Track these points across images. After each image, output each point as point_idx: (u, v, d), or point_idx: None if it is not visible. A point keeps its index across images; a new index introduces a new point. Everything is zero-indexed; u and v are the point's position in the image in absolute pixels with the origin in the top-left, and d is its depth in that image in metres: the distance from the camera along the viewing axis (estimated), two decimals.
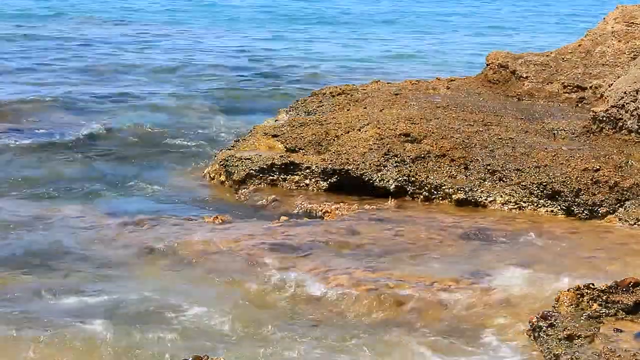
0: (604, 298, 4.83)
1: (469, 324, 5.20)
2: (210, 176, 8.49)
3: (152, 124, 11.14)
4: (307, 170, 7.93)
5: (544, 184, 7.28)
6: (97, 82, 14.55)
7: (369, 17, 29.81)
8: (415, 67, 17.17)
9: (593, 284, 4.92)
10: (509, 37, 24.40)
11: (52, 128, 10.76)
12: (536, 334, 4.75)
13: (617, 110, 7.81)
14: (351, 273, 5.85)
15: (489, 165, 7.58)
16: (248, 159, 8.11)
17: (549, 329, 4.68)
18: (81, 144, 10.05)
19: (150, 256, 6.28)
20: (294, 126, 8.61)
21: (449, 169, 7.66)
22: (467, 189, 7.52)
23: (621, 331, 4.57)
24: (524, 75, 9.79)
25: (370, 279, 5.75)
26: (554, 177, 7.28)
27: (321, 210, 7.40)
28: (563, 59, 9.95)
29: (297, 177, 7.97)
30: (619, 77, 8.26)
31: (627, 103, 7.74)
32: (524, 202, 7.34)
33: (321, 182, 7.89)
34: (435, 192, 7.61)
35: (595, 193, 7.14)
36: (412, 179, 7.66)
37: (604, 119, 7.90)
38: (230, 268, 6.03)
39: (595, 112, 8.01)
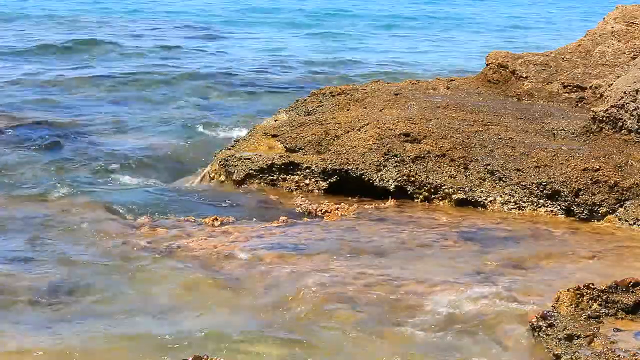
0: (603, 298, 4.84)
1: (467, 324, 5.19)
2: (209, 176, 8.48)
3: (155, 122, 11.13)
4: (307, 170, 7.93)
5: (544, 183, 7.28)
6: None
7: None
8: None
9: (593, 284, 4.92)
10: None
11: (49, 126, 10.76)
12: (536, 334, 4.75)
13: (617, 110, 7.80)
14: (350, 271, 5.85)
15: (488, 165, 7.58)
16: (248, 158, 8.11)
17: (548, 328, 4.68)
18: (78, 143, 10.04)
19: (149, 257, 6.27)
20: (293, 126, 8.61)
21: (448, 168, 7.66)
22: (466, 189, 7.52)
23: (621, 331, 4.57)
24: (524, 75, 9.79)
25: (370, 276, 5.75)
26: (553, 177, 7.27)
27: (321, 210, 7.40)
28: (563, 58, 9.94)
29: (297, 177, 7.96)
30: (619, 77, 8.26)
31: (626, 103, 7.74)
32: (524, 202, 7.34)
33: (321, 182, 7.89)
34: (435, 192, 7.61)
35: (595, 193, 7.14)
36: (412, 179, 7.66)
37: (604, 119, 7.90)
38: (228, 269, 6.03)
39: (595, 112, 8.00)
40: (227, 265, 6.06)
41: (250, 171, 8.02)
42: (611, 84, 8.13)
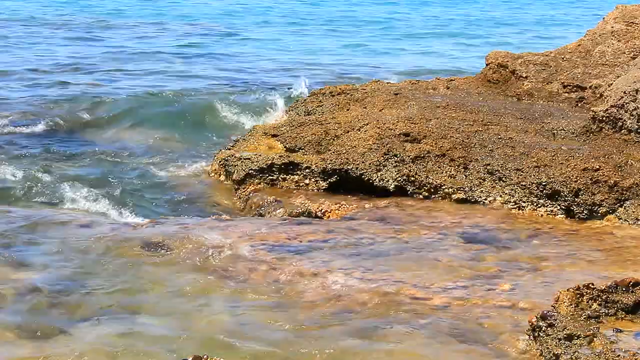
0: (603, 298, 4.83)
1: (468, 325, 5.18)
2: (209, 176, 8.49)
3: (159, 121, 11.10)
4: (307, 170, 7.93)
5: (544, 183, 7.28)
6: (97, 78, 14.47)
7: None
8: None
9: (593, 284, 4.92)
10: None
11: (45, 123, 10.73)
12: (536, 334, 4.75)
13: (617, 110, 7.81)
14: (350, 273, 5.85)
15: (488, 165, 7.58)
16: (247, 158, 8.11)
17: (548, 328, 4.68)
18: (74, 140, 10.05)
19: (149, 256, 6.26)
20: (293, 126, 8.61)
21: (448, 168, 7.66)
22: (466, 188, 7.52)
23: (621, 331, 4.57)
24: (524, 75, 9.79)
25: (370, 279, 5.75)
26: (553, 177, 7.27)
27: (321, 210, 7.40)
28: (563, 58, 9.94)
29: (296, 177, 7.96)
30: (619, 77, 8.26)
31: (626, 103, 7.74)
32: (524, 201, 7.33)
33: (321, 182, 7.89)
34: (434, 192, 7.61)
35: (595, 193, 7.14)
36: (412, 178, 7.66)
37: (604, 118, 7.90)
38: (228, 268, 6.02)
39: (595, 112, 8.01)
40: (227, 265, 6.05)
41: (250, 171, 8.02)
42: (611, 84, 8.13)
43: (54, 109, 11.57)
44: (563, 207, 7.23)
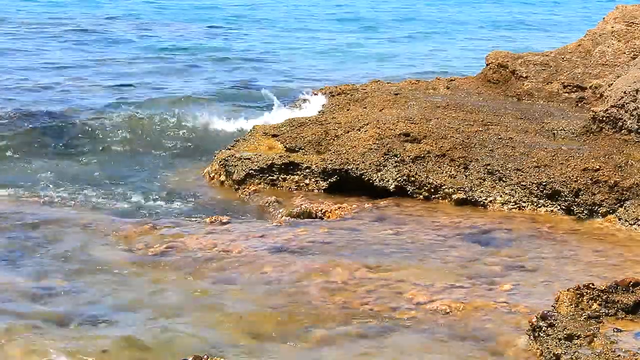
0: (603, 298, 4.84)
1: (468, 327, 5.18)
2: (209, 176, 8.49)
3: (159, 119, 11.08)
4: (307, 170, 7.93)
5: (544, 183, 7.28)
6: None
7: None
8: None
9: (593, 284, 4.93)
10: None
11: (40, 120, 10.71)
12: (536, 334, 4.75)
13: (617, 110, 7.81)
14: (351, 273, 5.85)
15: (488, 165, 7.58)
16: (248, 158, 8.11)
17: (548, 328, 4.68)
18: (75, 140, 10.06)
19: (148, 257, 6.26)
20: (293, 126, 8.61)
21: (448, 168, 7.66)
22: (467, 188, 7.52)
23: (621, 331, 4.57)
24: (524, 75, 9.79)
25: (370, 279, 5.75)
26: (553, 177, 7.28)
27: (321, 210, 7.40)
28: (563, 58, 9.95)
29: (297, 177, 7.97)
30: (619, 77, 8.26)
31: (626, 103, 7.74)
32: (524, 202, 7.34)
33: (321, 182, 7.89)
34: (435, 192, 7.61)
35: (595, 193, 7.14)
36: (412, 178, 7.66)
37: (604, 118, 7.90)
38: (229, 269, 6.02)
39: (595, 112, 8.01)
40: (227, 266, 6.06)
41: (250, 171, 8.02)
42: (611, 84, 8.13)
43: (57, 109, 11.56)
44: (563, 207, 7.24)
